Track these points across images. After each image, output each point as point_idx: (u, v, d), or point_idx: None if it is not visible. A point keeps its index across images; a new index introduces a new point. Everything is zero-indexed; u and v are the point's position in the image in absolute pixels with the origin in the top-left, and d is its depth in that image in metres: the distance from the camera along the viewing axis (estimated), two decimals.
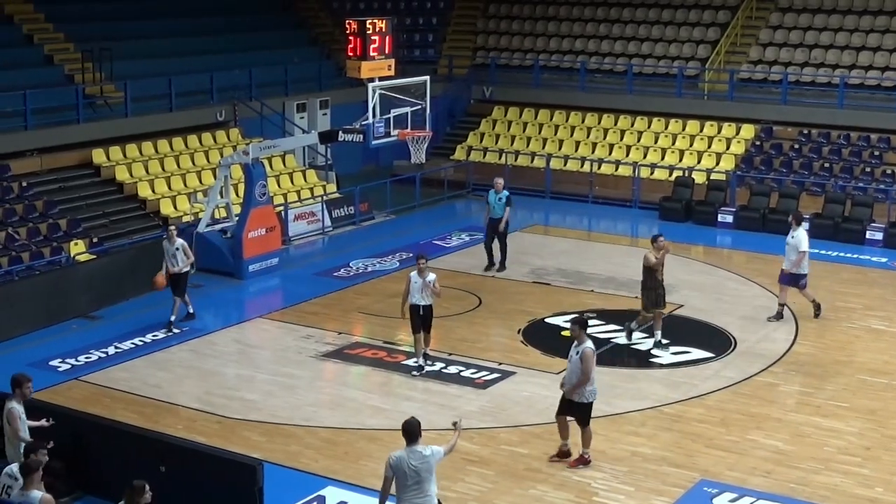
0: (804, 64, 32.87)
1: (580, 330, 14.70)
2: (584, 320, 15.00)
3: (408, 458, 11.47)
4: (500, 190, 24.13)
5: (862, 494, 14.28)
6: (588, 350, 14.55)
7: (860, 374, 18.42)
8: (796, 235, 20.79)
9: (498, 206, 23.99)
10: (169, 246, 20.65)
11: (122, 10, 31.92)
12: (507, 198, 24.05)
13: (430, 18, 39.05)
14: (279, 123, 31.21)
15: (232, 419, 16.51)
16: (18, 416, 12.97)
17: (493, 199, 24.12)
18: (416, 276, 18.04)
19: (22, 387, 13.15)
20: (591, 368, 14.55)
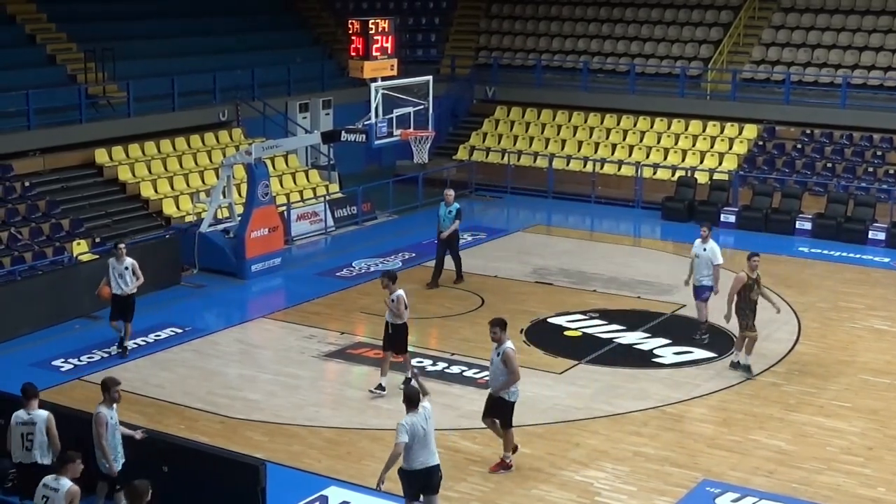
0: (807, 64, 32.86)
1: (501, 331, 14.64)
2: (503, 321, 14.84)
3: (420, 421, 12.33)
4: (450, 202, 23.13)
5: (864, 494, 14.28)
6: (509, 350, 14.52)
7: (863, 374, 18.42)
8: (709, 248, 19.60)
9: (448, 218, 23.02)
10: (116, 265, 18.94)
11: (124, 10, 31.93)
12: (456, 211, 23.10)
13: (433, 18, 39.05)
14: (282, 123, 31.21)
15: (234, 419, 16.52)
16: (105, 421, 12.55)
17: (443, 211, 23.15)
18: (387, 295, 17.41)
19: (110, 391, 12.71)
20: (516, 367, 14.51)
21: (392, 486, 13.93)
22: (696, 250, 19.73)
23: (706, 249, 19.56)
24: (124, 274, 18.85)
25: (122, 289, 18.88)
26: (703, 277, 19.53)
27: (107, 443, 12.47)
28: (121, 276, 18.83)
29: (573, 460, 15.20)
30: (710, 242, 19.61)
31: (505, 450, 14.87)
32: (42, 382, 17.66)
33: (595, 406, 17.04)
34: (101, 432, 12.47)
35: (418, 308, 21.72)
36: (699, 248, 19.67)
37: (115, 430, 12.69)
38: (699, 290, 19.68)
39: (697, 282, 19.66)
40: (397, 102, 23.86)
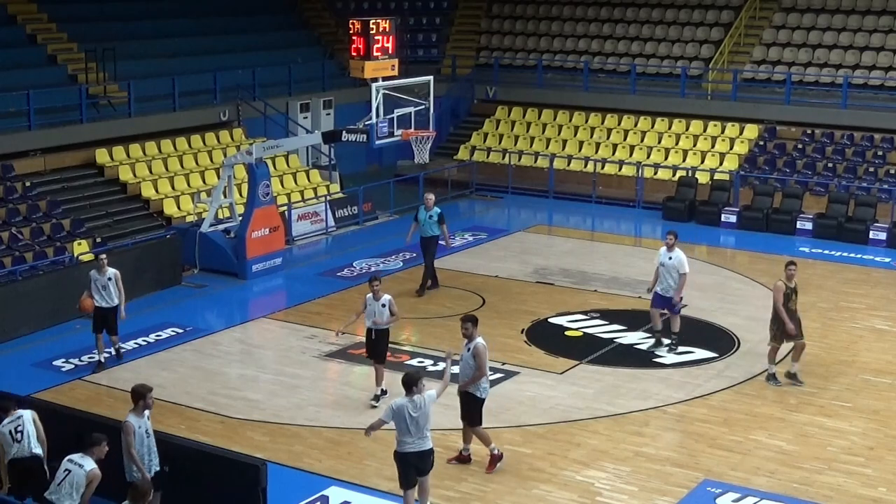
0: (808, 64, 32.86)
1: (472, 327, 14.63)
2: (474, 317, 14.83)
3: (408, 407, 12.74)
4: (430, 207, 22.56)
5: (865, 494, 14.28)
6: (480, 346, 14.53)
7: (864, 374, 18.42)
8: (675, 256, 18.78)
9: (429, 223, 22.47)
10: (98, 276, 18.20)
11: (125, 10, 31.95)
12: (438, 215, 22.50)
13: (434, 18, 39.05)
14: (283, 123, 31.21)
15: (235, 419, 16.52)
16: (133, 429, 12.26)
17: (424, 216, 22.51)
18: (371, 299, 16.89)
19: (145, 398, 12.40)
20: (485, 363, 14.54)
21: (394, 487, 13.97)
22: (662, 259, 18.91)
23: (672, 258, 18.78)
24: (107, 285, 18.15)
25: (107, 301, 18.20)
26: (672, 289, 18.79)
27: (136, 451, 12.17)
28: (104, 287, 18.14)
29: (574, 460, 15.20)
30: (677, 251, 18.80)
31: (486, 444, 14.84)
32: (43, 382, 17.80)
33: (596, 406, 17.04)
34: (130, 441, 12.16)
35: (419, 308, 21.76)
36: (665, 256, 18.86)
37: (145, 437, 12.36)
38: (667, 300, 18.94)
39: (665, 292, 18.89)
40: (398, 102, 23.86)
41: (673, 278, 18.80)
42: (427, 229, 22.57)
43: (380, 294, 16.82)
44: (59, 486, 11.68)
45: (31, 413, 13.01)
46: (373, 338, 17.00)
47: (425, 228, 22.55)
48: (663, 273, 18.87)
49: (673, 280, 18.78)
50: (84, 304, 18.46)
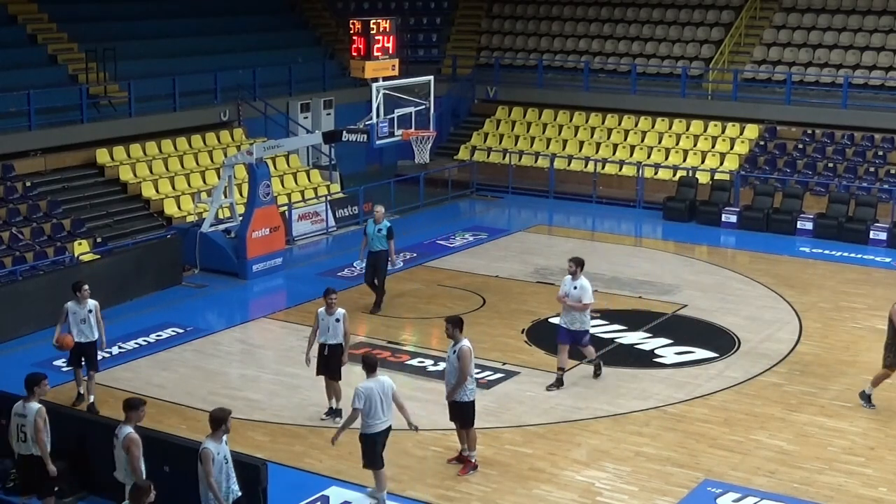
0: (808, 64, 32.86)
1: (454, 328, 14.60)
2: (458, 318, 14.76)
3: (377, 389, 13.26)
4: (379, 220, 21.46)
5: (866, 494, 14.28)
6: (465, 348, 14.43)
7: (864, 374, 18.37)
8: (580, 284, 17.20)
9: (377, 238, 21.34)
10: (78, 309, 16.42)
11: (126, 10, 31.95)
12: (388, 230, 21.41)
13: (434, 18, 39.06)
14: (283, 123, 31.21)
15: (236, 419, 16.43)
16: (211, 456, 11.78)
17: (372, 230, 21.41)
18: (324, 313, 16.21)
19: (226, 422, 12.01)
20: (468, 366, 14.40)
21: (394, 487, 13.97)
22: (566, 288, 17.28)
23: (577, 287, 17.19)
24: (87, 318, 16.40)
25: (86, 335, 16.43)
26: (577, 321, 17.25)
27: (214, 479, 11.75)
28: (83, 321, 16.37)
29: (574, 460, 15.20)
30: (582, 279, 17.24)
31: (470, 449, 14.79)
32: None
33: (596, 406, 17.04)
34: (209, 469, 11.69)
35: (419, 308, 21.76)
36: (569, 285, 17.26)
37: (224, 464, 11.95)
38: (579, 334, 17.36)
39: (569, 324, 17.29)
40: (398, 102, 23.86)
41: (578, 309, 17.22)
42: (376, 244, 21.36)
43: (334, 308, 16.14)
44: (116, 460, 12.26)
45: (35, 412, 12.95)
46: (325, 353, 16.21)
47: (373, 243, 21.38)
48: (564, 304, 17.34)
49: (578, 311, 17.19)
50: (63, 341, 16.43)
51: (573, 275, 17.31)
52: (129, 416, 12.40)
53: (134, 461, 12.14)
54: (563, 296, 17.26)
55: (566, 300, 17.18)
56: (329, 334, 16.18)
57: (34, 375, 13.21)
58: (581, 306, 17.15)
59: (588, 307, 17.26)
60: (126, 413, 12.43)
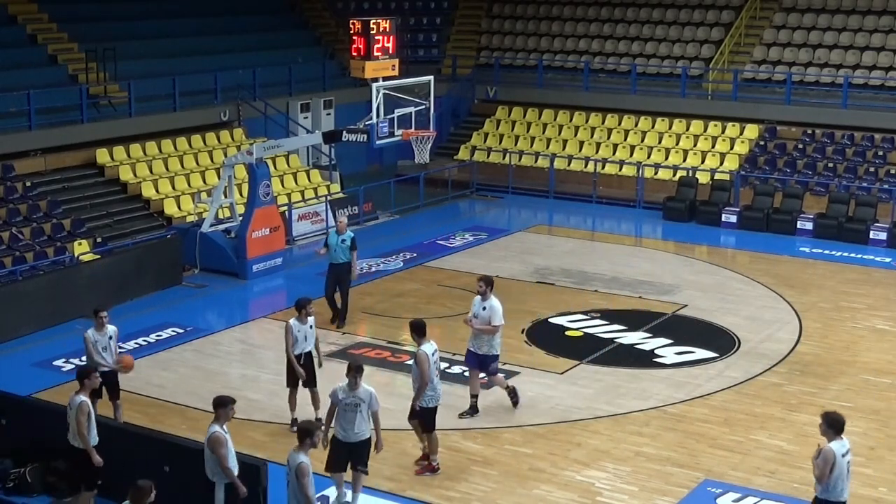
0: (808, 64, 32.86)
1: (413, 333, 14.61)
2: (415, 324, 14.68)
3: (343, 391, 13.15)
4: (342, 230, 20.62)
5: (866, 494, 14.27)
6: (420, 354, 14.39)
7: (864, 374, 18.42)
8: (490, 305, 16.04)
9: (340, 248, 20.45)
10: (98, 337, 15.37)
11: (126, 10, 31.96)
12: (351, 240, 20.52)
13: (434, 18, 39.06)
14: (283, 123, 31.21)
15: (236, 419, 16.40)
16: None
17: (335, 240, 20.50)
18: (298, 324, 15.88)
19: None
20: (426, 371, 14.32)
21: (394, 487, 13.97)
22: (475, 309, 16.13)
23: (486, 308, 16.04)
24: (109, 346, 15.46)
25: (109, 364, 15.45)
26: (485, 344, 16.12)
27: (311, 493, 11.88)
28: (105, 349, 15.42)
29: (574, 460, 15.20)
30: (491, 299, 16.08)
31: (431, 453, 14.72)
32: (43, 382, 17.80)
33: (596, 406, 17.04)
34: (306, 483, 11.79)
35: (419, 308, 21.75)
36: (478, 306, 16.12)
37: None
38: (487, 359, 16.20)
39: (477, 348, 16.18)
40: (398, 102, 23.86)
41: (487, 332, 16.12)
42: (339, 255, 20.47)
43: (306, 319, 15.89)
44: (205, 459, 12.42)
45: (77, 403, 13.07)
46: (301, 363, 15.89)
47: (337, 254, 20.48)
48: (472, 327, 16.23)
49: (487, 335, 16.09)
50: (125, 361, 15.89)
51: (482, 295, 16.10)
52: (218, 413, 12.43)
53: (222, 461, 12.16)
54: (471, 318, 16.12)
55: (474, 323, 16.05)
56: (305, 343, 15.91)
57: (83, 368, 13.38)
58: (490, 329, 15.97)
59: (497, 330, 16.06)
60: (216, 411, 12.44)
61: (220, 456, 12.16)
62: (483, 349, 16.08)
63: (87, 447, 13.02)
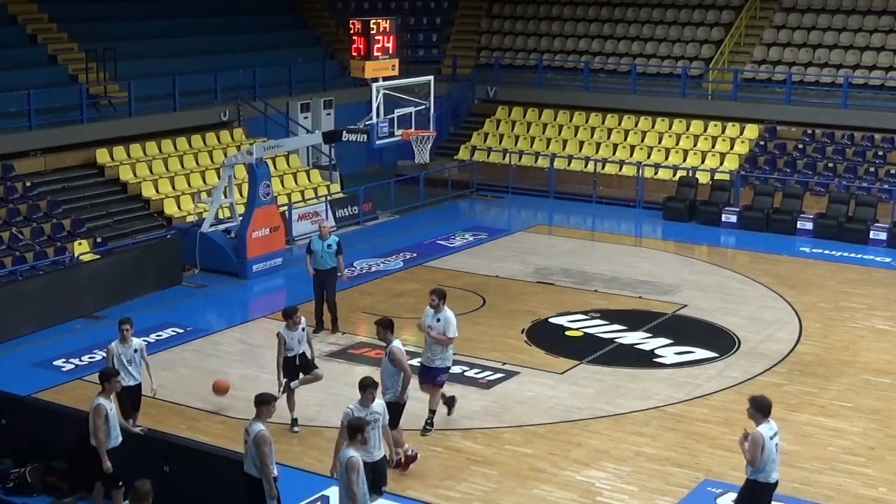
0: (808, 64, 32.86)
1: (384, 330, 14.57)
2: (384, 321, 14.67)
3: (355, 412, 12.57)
4: (326, 235, 20.12)
5: (866, 494, 14.28)
6: (395, 349, 14.39)
7: (864, 374, 18.42)
8: (444, 317, 15.67)
9: (327, 254, 20.03)
10: (123, 350, 15.00)
11: (126, 10, 31.95)
12: (337, 244, 20.15)
13: (434, 18, 39.06)
14: (283, 123, 31.21)
15: (236, 419, 16.50)
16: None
17: (319, 246, 20.05)
18: (289, 332, 15.88)
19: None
20: (405, 364, 14.32)
21: (394, 487, 13.96)
22: (429, 321, 15.73)
23: (440, 320, 15.67)
24: (134, 359, 15.08)
25: (134, 378, 15.07)
26: (438, 357, 15.69)
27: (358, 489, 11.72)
28: (129, 361, 15.01)
29: (574, 460, 15.20)
30: (445, 311, 15.72)
31: (398, 446, 14.55)
32: (43, 382, 17.80)
33: (596, 406, 17.04)
34: (354, 479, 11.64)
35: (419, 308, 21.64)
36: (431, 319, 15.73)
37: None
38: (433, 371, 15.74)
39: (430, 361, 15.74)
40: (398, 102, 23.86)
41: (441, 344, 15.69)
42: (325, 261, 20.07)
43: (297, 326, 15.89)
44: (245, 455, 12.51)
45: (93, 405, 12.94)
46: (297, 363, 15.99)
47: (323, 260, 20.06)
48: (428, 340, 15.78)
49: (441, 347, 15.68)
50: (219, 386, 16.61)
51: (435, 308, 15.71)
52: (260, 411, 12.47)
53: (263, 458, 12.19)
54: (428, 327, 15.70)
55: (432, 332, 15.63)
56: (298, 347, 15.96)
57: (105, 371, 13.31)
58: (446, 340, 15.60)
59: (452, 342, 15.73)
60: (257, 409, 12.48)
61: (262, 454, 12.19)
62: (436, 362, 15.68)
63: (100, 451, 12.82)
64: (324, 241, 20.13)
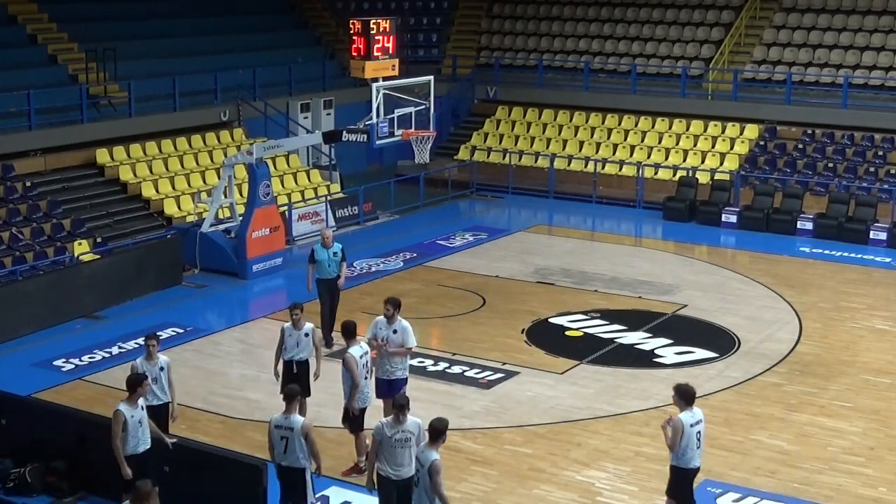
0: (808, 64, 32.86)
1: (344, 336, 14.55)
2: (344, 325, 14.56)
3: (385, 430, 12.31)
4: (330, 244, 19.25)
5: (866, 494, 14.28)
6: (347, 356, 14.32)
7: (864, 374, 18.42)
8: (401, 327, 15.05)
9: (334, 262, 19.20)
10: (148, 367, 14.13)
11: (126, 10, 31.96)
12: (342, 252, 19.43)
13: (434, 18, 39.06)
14: (283, 123, 31.22)
15: (236, 419, 16.53)
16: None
17: (325, 255, 19.15)
18: (291, 329, 15.52)
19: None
20: (355, 373, 14.21)
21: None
22: (382, 333, 14.98)
23: (397, 331, 14.99)
24: (159, 377, 14.24)
25: (158, 397, 14.22)
26: (399, 369, 15.09)
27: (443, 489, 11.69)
28: (155, 380, 14.13)
29: (574, 460, 15.20)
30: (401, 322, 15.07)
31: (358, 455, 14.64)
32: (43, 382, 17.80)
33: (596, 406, 17.05)
34: (439, 482, 11.63)
35: (419, 308, 21.76)
36: (385, 330, 15.00)
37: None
38: (395, 384, 15.00)
39: (390, 374, 15.05)
40: (398, 102, 23.86)
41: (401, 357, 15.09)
42: (332, 269, 19.26)
43: (301, 323, 15.53)
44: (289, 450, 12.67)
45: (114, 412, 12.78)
46: (294, 371, 15.51)
47: (329, 269, 19.23)
48: (385, 352, 15.04)
49: (400, 358, 15.05)
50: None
51: (390, 318, 15.03)
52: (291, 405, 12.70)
53: (315, 446, 12.61)
54: (384, 341, 14.94)
55: (389, 346, 14.91)
56: (297, 350, 15.57)
57: (132, 377, 12.98)
58: (405, 351, 15.06)
59: (410, 352, 15.25)
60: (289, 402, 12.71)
61: (313, 441, 12.56)
62: (397, 374, 15.06)
63: (117, 457, 12.55)
64: (328, 250, 19.24)
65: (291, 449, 12.52)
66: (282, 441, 12.55)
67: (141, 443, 12.78)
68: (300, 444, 12.47)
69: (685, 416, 12.56)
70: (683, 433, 12.46)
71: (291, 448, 12.51)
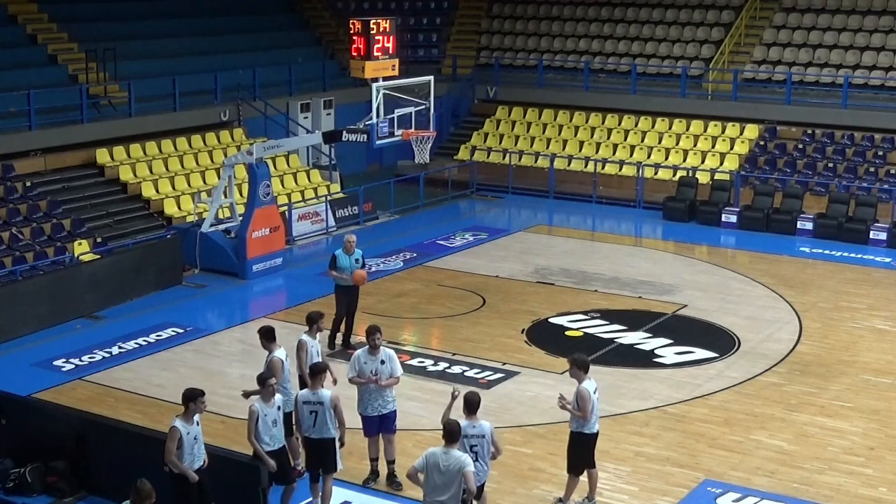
0: (808, 64, 32.86)
1: (263, 340, 14.67)
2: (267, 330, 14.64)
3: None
4: (352, 250, 18.96)
5: (866, 494, 14.28)
6: (275, 359, 14.29)
7: (864, 374, 18.42)
8: (388, 356, 14.23)
9: (356, 269, 19.05)
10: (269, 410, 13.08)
11: (126, 9, 31.96)
12: (363, 258, 19.38)
13: (434, 18, 39.06)
14: (283, 123, 31.21)
15: (236, 419, 16.50)
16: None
17: (347, 262, 18.93)
18: (310, 339, 15.08)
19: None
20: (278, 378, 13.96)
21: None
22: (371, 367, 14.12)
23: (384, 361, 14.17)
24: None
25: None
26: (390, 400, 14.24)
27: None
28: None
29: None
30: (385, 350, 14.32)
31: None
32: (43, 382, 17.79)
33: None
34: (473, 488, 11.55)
35: (419, 308, 21.77)
36: (373, 363, 14.14)
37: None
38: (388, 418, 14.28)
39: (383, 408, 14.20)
40: (399, 102, 23.87)
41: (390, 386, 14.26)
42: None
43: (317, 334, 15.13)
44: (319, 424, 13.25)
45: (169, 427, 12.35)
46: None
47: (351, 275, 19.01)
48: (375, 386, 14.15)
49: (390, 390, 14.23)
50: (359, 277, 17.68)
51: (373, 349, 14.21)
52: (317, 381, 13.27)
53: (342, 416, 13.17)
54: (374, 374, 14.07)
55: (381, 381, 14.08)
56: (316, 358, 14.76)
57: (189, 391, 12.40)
58: (395, 381, 14.27)
59: (398, 381, 14.37)
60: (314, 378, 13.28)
61: (341, 412, 13.20)
62: (390, 406, 14.24)
63: (181, 470, 12.13)
64: (351, 256, 19.02)
65: (322, 421, 13.10)
66: (311, 415, 13.13)
67: (197, 459, 12.39)
68: (330, 416, 13.08)
69: (588, 385, 13.18)
70: (590, 400, 13.09)
71: (322, 420, 13.09)
